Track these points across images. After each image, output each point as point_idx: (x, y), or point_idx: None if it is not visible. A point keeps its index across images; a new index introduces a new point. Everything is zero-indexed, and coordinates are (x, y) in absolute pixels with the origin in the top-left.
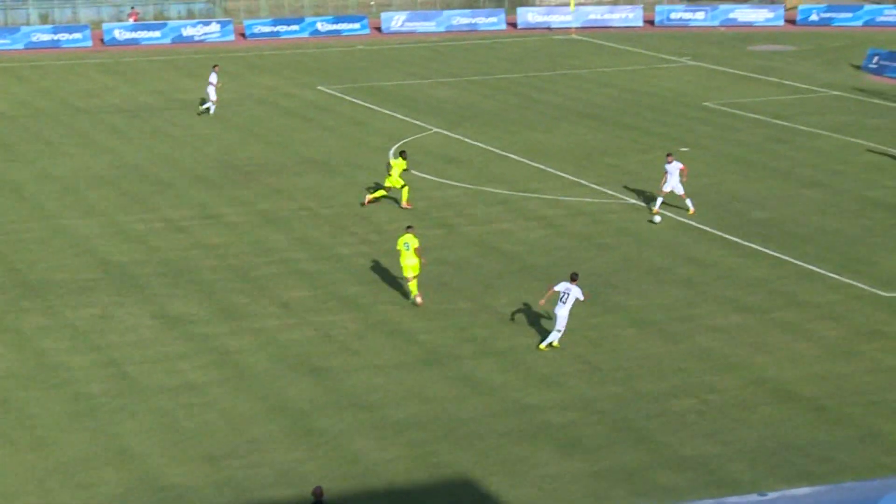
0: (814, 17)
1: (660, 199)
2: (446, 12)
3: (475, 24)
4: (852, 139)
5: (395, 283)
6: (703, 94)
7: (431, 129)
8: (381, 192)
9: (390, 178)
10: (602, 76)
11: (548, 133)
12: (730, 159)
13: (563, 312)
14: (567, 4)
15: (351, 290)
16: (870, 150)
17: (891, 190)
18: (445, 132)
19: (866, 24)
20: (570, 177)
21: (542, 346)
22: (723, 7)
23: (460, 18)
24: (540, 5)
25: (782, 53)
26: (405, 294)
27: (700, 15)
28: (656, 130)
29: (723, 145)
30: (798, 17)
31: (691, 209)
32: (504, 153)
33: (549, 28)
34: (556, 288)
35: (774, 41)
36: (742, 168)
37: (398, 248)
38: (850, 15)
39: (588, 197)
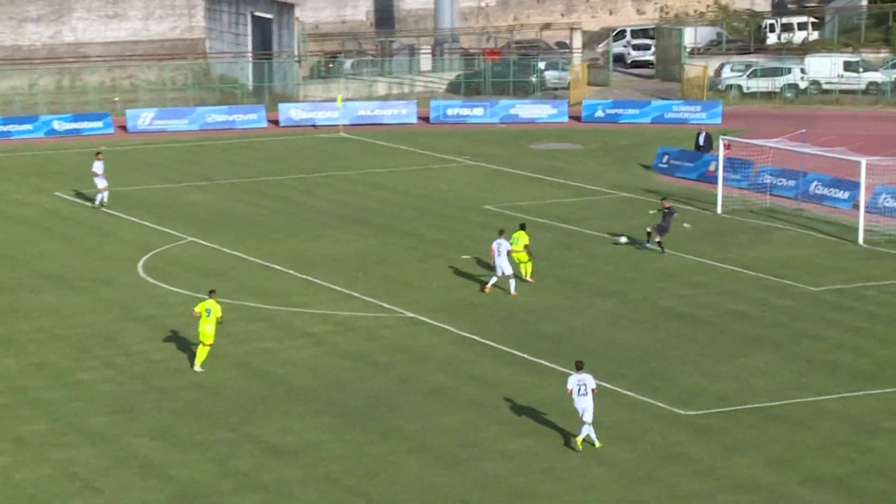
0: (599, 114)
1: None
2: (200, 109)
3: (232, 121)
4: (645, 244)
5: (146, 410)
6: (483, 197)
7: (185, 238)
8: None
9: (517, 253)
10: (374, 178)
11: (315, 241)
12: (515, 268)
13: (587, 404)
14: (334, 100)
15: (95, 421)
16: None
17: (685, 299)
18: (201, 241)
19: (655, 120)
20: (341, 289)
21: (579, 440)
22: (503, 102)
23: (216, 115)
24: (304, 101)
25: (567, 152)
26: (158, 425)
27: (479, 111)
28: (434, 237)
29: None
30: (583, 114)
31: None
32: (267, 263)
33: (314, 125)
34: (570, 385)
35: (559, 139)
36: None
37: (198, 310)
38: (636, 111)
39: (361, 311)
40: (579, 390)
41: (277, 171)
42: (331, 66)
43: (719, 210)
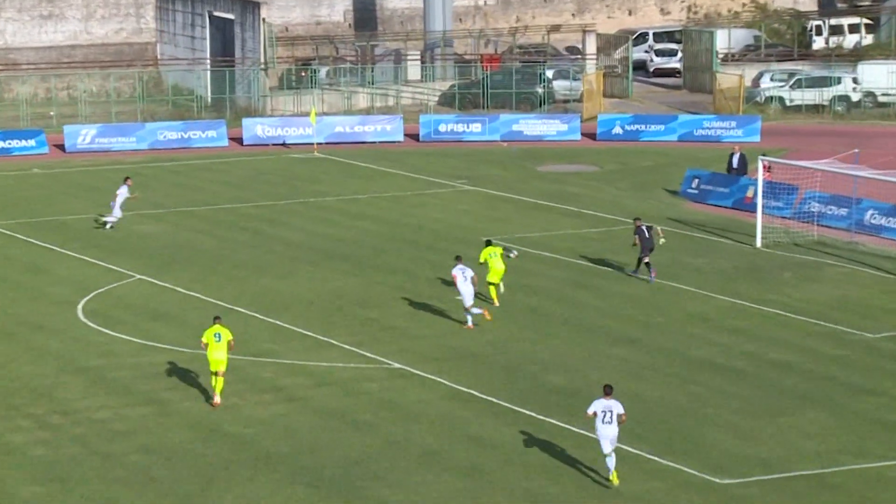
0: (617, 131)
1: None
2: (150, 125)
3: (188, 139)
4: (671, 283)
5: (87, 479)
6: (483, 227)
7: (134, 276)
8: (494, 291)
9: (495, 270)
10: (354, 205)
11: (286, 279)
12: (520, 310)
13: (612, 432)
14: (307, 114)
15: (27, 492)
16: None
17: (720, 348)
18: (152, 280)
19: (682, 138)
20: (316, 335)
21: (614, 476)
22: (504, 117)
23: (169, 133)
24: (272, 115)
25: (581, 175)
26: (101, 496)
27: (476, 127)
28: (424, 274)
29: (510, 292)
30: (598, 130)
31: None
32: (229, 306)
33: (284, 144)
34: (592, 409)
35: (570, 160)
36: (535, 321)
37: (205, 339)
38: (661, 127)
39: (340, 361)
40: (604, 417)
41: (241, 198)
42: (303, 74)
43: (758, 243)
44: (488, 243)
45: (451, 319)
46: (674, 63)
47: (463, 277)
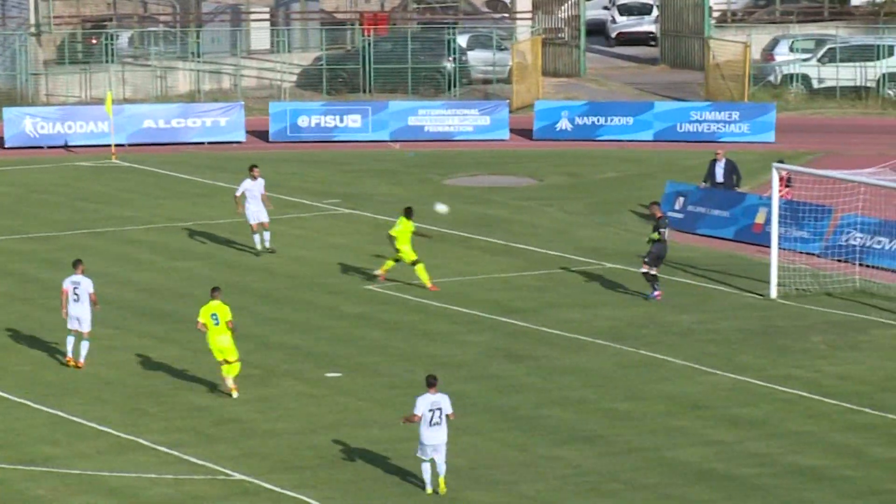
0: (564, 126)
1: None
2: None
3: None
4: (647, 352)
5: None
6: (366, 269)
7: None
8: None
9: (403, 251)
10: (172, 237)
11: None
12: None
13: (442, 437)
14: (101, 102)
15: None
16: None
17: (718, 447)
18: None
19: (660, 136)
20: (118, 432)
21: (442, 483)
22: (396, 106)
23: None
24: (47, 103)
25: (511, 192)
26: None
27: (354, 120)
28: (279, 339)
29: (406, 364)
30: (536, 126)
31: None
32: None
33: (66, 146)
34: (420, 410)
35: (495, 168)
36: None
37: (202, 319)
38: (629, 120)
39: (153, 469)
40: (432, 418)
41: (2, 228)
42: (94, 42)
43: (773, 293)
44: (408, 214)
45: (319, 406)
46: (646, 25)
47: (73, 297)
